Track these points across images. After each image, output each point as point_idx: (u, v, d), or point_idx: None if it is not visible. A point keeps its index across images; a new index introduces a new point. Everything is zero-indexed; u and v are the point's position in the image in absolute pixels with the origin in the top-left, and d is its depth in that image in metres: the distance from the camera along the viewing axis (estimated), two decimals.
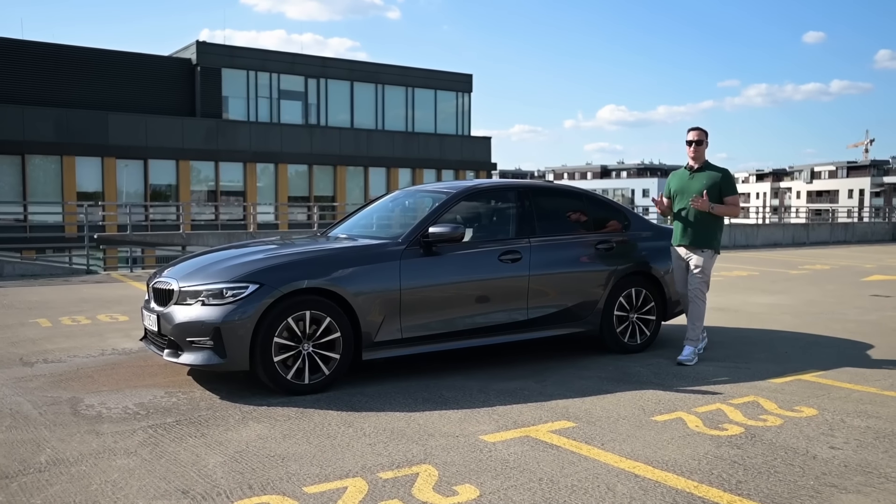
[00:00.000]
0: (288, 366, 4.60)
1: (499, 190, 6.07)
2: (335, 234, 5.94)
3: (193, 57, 29.17)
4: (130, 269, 14.92)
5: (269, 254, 4.94)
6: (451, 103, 34.83)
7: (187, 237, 14.64)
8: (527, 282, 5.50)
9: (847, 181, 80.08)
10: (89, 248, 13.66)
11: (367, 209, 6.32)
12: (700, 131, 5.79)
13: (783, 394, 4.81)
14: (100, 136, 25.91)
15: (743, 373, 5.41)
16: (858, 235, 25.86)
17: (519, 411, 4.36)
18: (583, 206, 6.19)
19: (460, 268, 5.27)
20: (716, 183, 5.67)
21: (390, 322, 4.93)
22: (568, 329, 5.79)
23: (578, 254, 5.89)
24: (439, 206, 5.41)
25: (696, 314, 5.73)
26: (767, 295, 10.15)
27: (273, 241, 5.92)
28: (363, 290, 4.83)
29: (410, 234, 5.17)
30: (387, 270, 4.97)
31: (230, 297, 4.50)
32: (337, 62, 32.65)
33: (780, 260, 16.70)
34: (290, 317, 4.57)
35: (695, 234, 5.68)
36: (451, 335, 5.23)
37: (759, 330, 7.30)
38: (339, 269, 4.81)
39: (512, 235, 5.66)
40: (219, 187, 28.79)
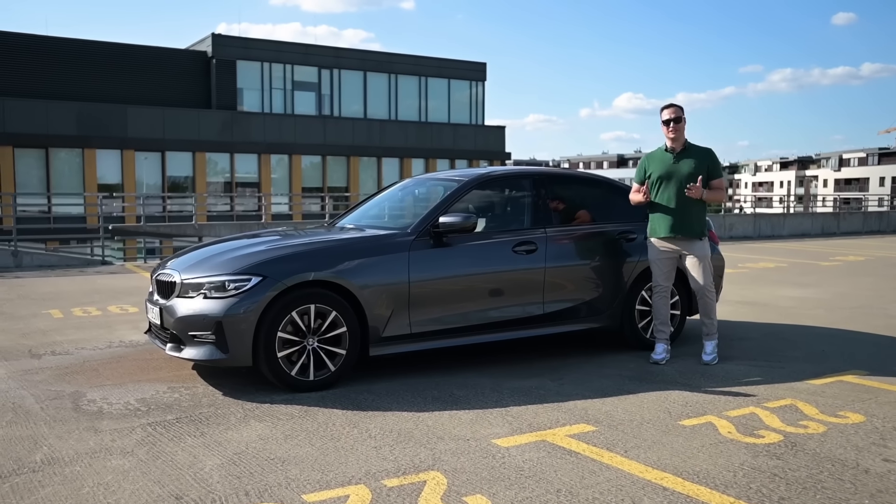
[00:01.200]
0: (292, 361, 4.37)
1: (513, 177, 5.77)
2: (343, 224, 5.69)
3: (209, 49, 29.06)
4: (144, 259, 14.84)
5: (273, 245, 4.70)
6: (464, 92, 34.44)
7: (200, 228, 14.49)
8: (543, 274, 5.22)
9: (878, 168, 77.18)
10: (104, 238, 13.60)
11: (375, 198, 6.06)
12: (676, 108, 5.29)
13: (824, 397, 4.48)
14: (119, 129, 25.93)
15: (777, 373, 5.09)
16: (894, 225, 25.04)
17: (534, 412, 4.08)
18: (602, 194, 5.88)
19: (472, 259, 5.00)
20: (704, 165, 5.26)
21: (399, 316, 4.68)
22: (586, 324, 5.49)
23: (598, 244, 5.59)
24: (450, 194, 5.13)
25: (709, 307, 5.37)
26: (798, 288, 9.73)
27: (279, 231, 5.68)
28: (370, 283, 4.58)
29: (420, 224, 4.90)
30: (395, 262, 4.71)
31: (232, 289, 4.26)
32: (350, 52, 32.39)
33: (809, 251, 16.18)
34: (294, 311, 4.34)
35: (690, 223, 5.21)
36: (463, 330, 4.96)
37: (790, 326, 6.94)
38: (345, 261, 4.56)
39: (527, 225, 5.38)
40: (234, 178, 28.71)
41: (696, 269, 5.30)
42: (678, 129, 5.29)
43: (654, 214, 5.37)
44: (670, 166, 5.30)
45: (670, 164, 5.30)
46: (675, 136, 5.29)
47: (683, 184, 5.22)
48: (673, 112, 5.31)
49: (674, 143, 5.33)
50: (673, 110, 5.31)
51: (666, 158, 5.34)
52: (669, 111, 5.32)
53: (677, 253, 5.33)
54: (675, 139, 5.31)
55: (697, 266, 5.29)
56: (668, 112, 5.32)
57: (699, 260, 5.29)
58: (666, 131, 5.33)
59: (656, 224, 5.34)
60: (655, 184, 5.35)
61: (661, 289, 5.44)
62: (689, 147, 5.34)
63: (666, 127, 5.32)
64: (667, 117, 5.31)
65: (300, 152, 29.98)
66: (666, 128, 5.32)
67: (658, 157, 5.40)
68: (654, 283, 5.46)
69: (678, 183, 5.24)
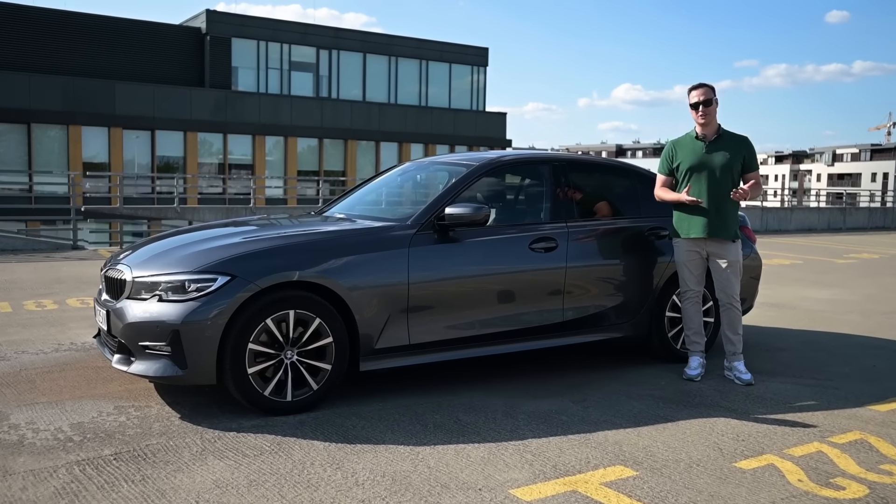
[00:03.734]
0: (266, 378, 3.64)
1: (530, 163, 5.02)
2: (332, 213, 4.94)
3: (203, 26, 28.09)
4: (121, 245, 14.02)
5: (246, 237, 3.95)
6: (465, 77, 33.55)
7: (183, 211, 13.64)
8: (563, 275, 4.49)
9: (870, 164, 77.84)
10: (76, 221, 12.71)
11: (371, 184, 5.30)
12: (706, 88, 4.56)
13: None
14: (107, 106, 24.96)
15: (831, 395, 4.39)
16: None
17: (558, 448, 3.37)
18: (630, 185, 5.14)
19: (483, 257, 4.27)
20: (740, 157, 4.52)
21: (395, 324, 3.96)
22: (611, 333, 4.78)
23: (625, 242, 4.86)
24: (458, 181, 4.39)
25: (736, 321, 4.61)
26: (821, 288, 9.10)
27: (259, 220, 4.93)
28: (362, 285, 3.85)
29: (422, 216, 4.17)
30: (392, 260, 3.98)
31: (194, 291, 3.52)
32: (349, 33, 31.44)
33: (820, 247, 15.54)
34: (269, 317, 3.61)
35: (724, 223, 4.50)
36: (471, 340, 4.24)
37: (827, 333, 6.25)
38: (332, 258, 3.83)
39: (545, 219, 4.64)
40: (227, 160, 27.84)
41: (723, 274, 4.57)
42: (709, 114, 4.54)
43: (682, 212, 4.63)
44: (702, 156, 4.55)
45: (702, 153, 4.56)
46: (707, 120, 4.55)
47: (718, 177, 4.49)
48: (703, 93, 4.56)
49: (705, 130, 4.59)
50: (702, 91, 4.56)
51: (697, 147, 4.59)
52: (698, 92, 4.57)
53: (704, 254, 4.61)
54: (707, 125, 4.57)
55: (726, 271, 4.56)
56: (696, 94, 4.57)
57: (730, 265, 4.56)
58: (695, 116, 4.59)
59: (686, 223, 4.61)
60: (684, 176, 4.61)
61: (692, 294, 4.72)
62: (724, 134, 4.60)
63: (695, 111, 4.57)
64: (695, 100, 4.56)
65: (296, 135, 29.10)
66: (695, 112, 4.57)
67: (687, 144, 4.65)
68: (682, 289, 4.74)
69: (711, 176, 4.51)
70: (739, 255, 4.64)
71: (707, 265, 4.68)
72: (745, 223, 5.47)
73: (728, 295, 4.60)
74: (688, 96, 4.64)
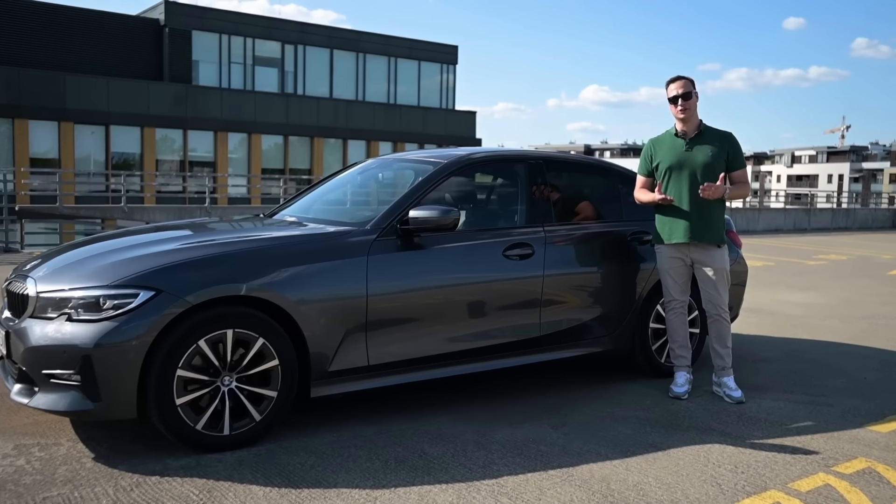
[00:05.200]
0: (199, 409, 3.14)
1: (503, 161, 4.56)
2: (283, 216, 4.44)
3: (162, 17, 27.11)
4: None
5: (177, 245, 3.43)
6: (434, 75, 33.08)
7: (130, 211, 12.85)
8: (540, 285, 4.07)
9: (827, 166, 79.88)
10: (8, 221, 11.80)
11: (327, 184, 4.79)
12: (686, 80, 4.20)
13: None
14: (56, 99, 23.83)
15: (826, 413, 4.04)
16: (860, 222, 24.86)
17: (538, 488, 2.94)
18: (611, 185, 4.73)
19: (451, 266, 3.83)
20: (724, 153, 4.16)
21: (352, 343, 3.49)
22: (591, 348, 4.37)
23: (607, 247, 4.46)
24: (423, 181, 3.93)
25: (724, 333, 4.25)
26: (796, 291, 8.88)
27: (197, 223, 4.41)
28: (313, 298, 3.37)
29: (383, 219, 3.70)
30: (348, 270, 3.51)
31: (110, 309, 3.00)
32: (316, 28, 30.74)
33: (789, 248, 15.46)
34: (203, 338, 3.11)
35: (708, 226, 4.13)
36: (438, 359, 3.79)
37: (811, 342, 5.95)
38: (278, 269, 3.34)
39: (521, 223, 4.21)
40: (187, 157, 26.93)
41: (710, 283, 4.20)
42: (689, 108, 4.16)
43: (664, 215, 4.25)
44: (682, 154, 4.18)
45: (682, 151, 4.18)
46: (686, 115, 4.17)
47: (699, 176, 4.11)
48: (681, 86, 4.18)
49: (685, 126, 4.21)
50: (681, 84, 4.19)
51: (676, 145, 4.22)
52: (677, 85, 4.19)
53: (689, 261, 4.23)
54: (686, 120, 4.19)
55: (713, 280, 4.19)
56: (675, 86, 4.19)
57: (716, 272, 4.19)
58: (674, 111, 4.21)
59: (668, 227, 4.23)
60: (664, 176, 4.23)
61: (677, 304, 4.34)
62: (706, 130, 4.22)
63: (674, 105, 4.19)
64: (674, 93, 4.18)
65: (260, 131, 28.30)
66: (674, 106, 4.19)
67: (666, 142, 4.27)
68: (666, 299, 4.35)
69: (692, 176, 4.13)
70: (726, 261, 4.28)
71: (692, 273, 4.30)
72: (730, 226, 5.12)
73: (715, 305, 4.23)
74: (666, 90, 4.26)
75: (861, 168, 78.23)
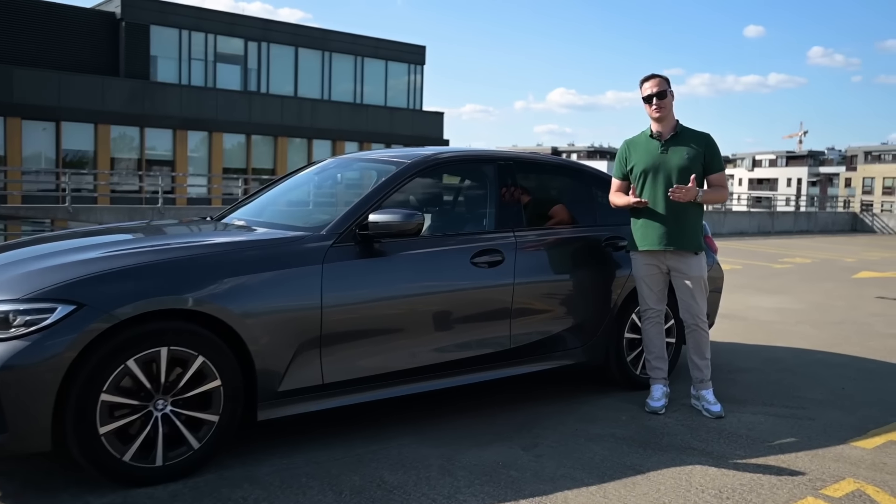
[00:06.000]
0: (127, 438, 2.79)
1: (471, 162, 4.25)
2: (232, 219, 4.09)
3: (118, 11, 26.20)
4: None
5: (105, 252, 3.06)
6: (402, 76, 32.70)
7: (75, 212, 12.21)
8: (511, 294, 3.79)
9: (786, 170, 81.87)
10: None
11: (281, 185, 4.44)
12: (660, 79, 3.98)
13: (891, 474, 3.24)
14: (3, 94, 22.80)
15: (808, 428, 3.84)
16: (821, 225, 25.26)
17: None
18: (585, 188, 4.48)
19: (415, 274, 3.53)
20: (700, 156, 3.95)
21: (305, 359, 3.17)
22: (563, 360, 4.10)
23: (581, 254, 4.21)
24: (385, 182, 3.62)
25: (703, 344, 4.02)
26: (766, 295, 8.80)
27: (134, 227, 4.03)
28: (260, 311, 3.04)
29: (341, 224, 3.39)
30: (301, 279, 3.18)
31: (21, 325, 2.63)
32: (280, 25, 30.09)
33: (756, 251, 15.53)
34: (132, 357, 2.76)
35: (684, 233, 3.92)
36: (400, 376, 3.48)
37: (786, 349, 5.79)
38: (221, 278, 3.00)
39: (490, 228, 3.93)
40: (144, 156, 26.09)
41: (687, 292, 3.98)
42: (664, 107, 3.94)
43: (638, 220, 4.02)
44: (657, 157, 3.95)
45: (657, 153, 3.96)
46: (661, 115, 3.95)
47: (675, 180, 3.89)
48: (655, 84, 3.95)
49: (660, 126, 3.99)
50: (656, 82, 3.97)
51: (652, 147, 3.99)
52: (651, 84, 3.97)
53: (665, 269, 4.00)
54: (661, 120, 3.97)
55: (690, 289, 3.96)
56: (649, 85, 3.97)
57: (694, 281, 3.96)
58: (649, 111, 3.98)
59: (642, 233, 3.99)
60: (639, 179, 4.00)
61: (653, 313, 4.10)
62: (682, 131, 4.00)
63: (648, 105, 3.97)
64: (648, 92, 3.96)
65: (222, 130, 27.56)
66: (648, 106, 3.97)
67: (642, 144, 4.04)
68: (642, 308, 4.12)
69: (668, 179, 3.91)
70: (704, 269, 4.06)
71: (668, 281, 4.07)
72: (705, 231, 4.92)
73: (693, 315, 4.01)
74: (640, 89, 4.03)
75: (818, 172, 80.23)
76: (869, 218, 26.55)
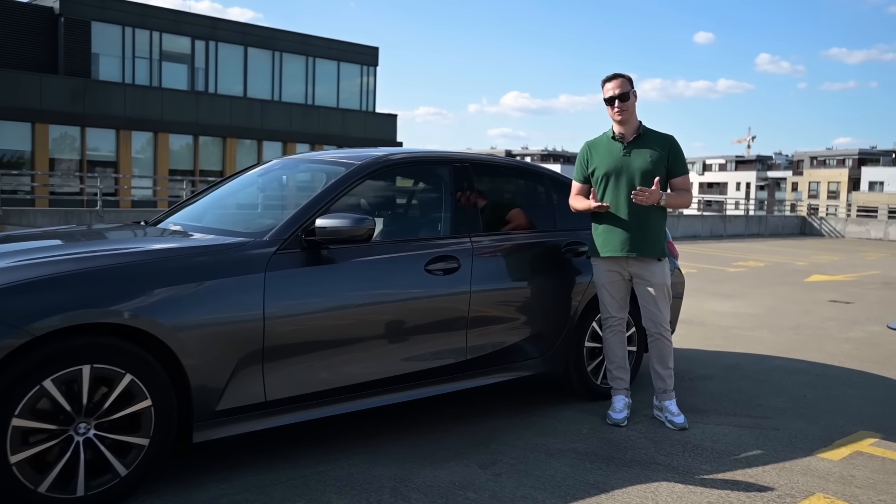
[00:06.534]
0: (45, 465, 2.49)
1: (425, 163, 4.04)
2: (168, 224, 3.79)
3: (57, 6, 25.17)
4: None
5: (21, 260, 2.75)
6: (355, 77, 32.32)
7: (5, 215, 11.53)
8: (467, 303, 3.60)
9: (735, 174, 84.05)
10: None
11: (223, 188, 4.15)
12: (623, 79, 3.81)
13: (860, 487, 3.16)
14: None
15: (774, 439, 3.75)
16: (771, 229, 25.85)
17: None
18: (545, 192, 4.33)
19: (365, 283, 3.31)
20: (663, 158, 3.83)
21: (246, 375, 2.92)
22: (522, 371, 3.93)
23: (540, 259, 4.05)
24: (333, 184, 3.40)
25: (666, 353, 3.90)
26: (721, 300, 8.84)
27: (58, 232, 3.69)
28: (195, 323, 2.78)
29: (285, 229, 3.15)
30: (241, 288, 2.93)
31: None
32: (229, 24, 29.39)
33: (709, 255, 15.74)
34: (50, 377, 2.48)
35: (648, 238, 3.80)
36: (349, 391, 3.26)
37: (744, 355, 5.75)
38: (151, 289, 2.73)
39: (445, 233, 3.74)
40: (85, 156, 25.10)
41: (650, 300, 3.85)
42: (626, 109, 3.81)
43: (599, 225, 3.88)
44: (619, 159, 3.81)
45: (619, 156, 3.82)
46: (624, 117, 3.82)
47: (637, 183, 3.77)
48: (618, 86, 3.81)
49: (622, 128, 3.85)
50: (618, 83, 3.82)
51: (614, 149, 3.85)
52: (613, 84, 3.82)
53: (627, 276, 3.88)
54: (624, 122, 3.84)
55: (653, 296, 3.84)
56: (611, 86, 3.82)
57: (656, 288, 3.84)
58: (611, 112, 3.84)
59: (603, 239, 3.85)
60: (600, 182, 3.86)
61: (615, 321, 3.97)
62: (645, 133, 3.87)
63: (610, 107, 3.83)
64: (610, 93, 3.82)
65: (168, 130, 26.73)
66: (610, 108, 3.83)
67: (603, 146, 3.90)
68: (604, 316, 3.98)
69: (630, 182, 3.78)
70: (667, 275, 3.94)
71: (631, 288, 3.95)
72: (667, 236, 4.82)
73: (656, 323, 3.88)
74: (602, 89, 3.89)
75: (766, 176, 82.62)
76: (817, 221, 27.33)
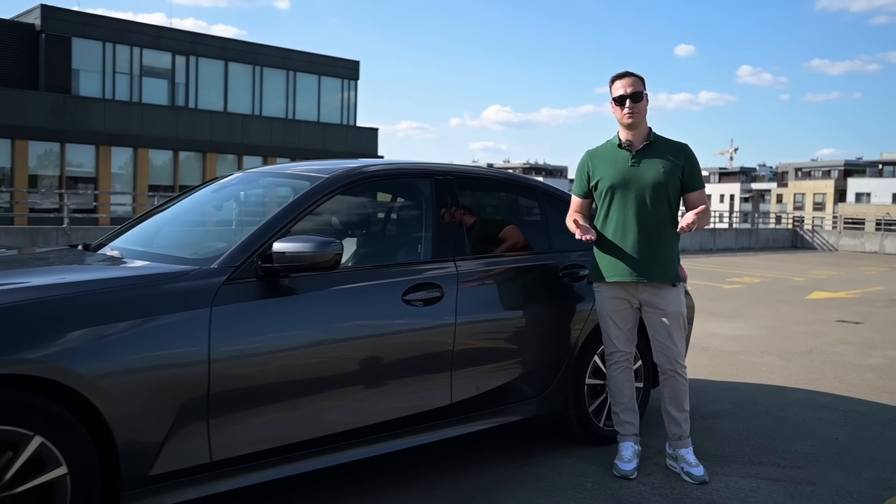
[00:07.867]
0: None
1: (404, 177, 3.54)
2: (110, 249, 3.28)
3: (38, 22, 24.71)
4: None
5: None
6: (335, 91, 31.93)
7: None
8: (452, 337, 3.12)
9: (719, 186, 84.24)
10: None
11: (174, 206, 3.65)
12: (635, 78, 3.36)
13: None
14: None
15: (810, 496, 3.22)
16: (762, 242, 25.56)
17: None
18: (539, 208, 3.86)
19: (332, 316, 2.82)
20: (677, 170, 3.34)
21: (188, 431, 2.42)
22: (517, 415, 3.44)
23: (535, 286, 3.57)
24: (296, 202, 2.91)
25: (682, 393, 3.39)
26: (721, 321, 8.40)
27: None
28: (122, 370, 2.29)
29: (237, 255, 2.66)
30: (181, 326, 2.44)
31: None
32: (209, 39, 29.00)
33: (701, 270, 15.33)
34: None
35: (660, 261, 3.31)
36: (313, 445, 2.75)
37: (757, 387, 5.26)
38: (66, 330, 2.23)
39: (426, 256, 3.25)
40: (64, 172, 24.48)
41: (664, 331, 3.35)
42: (639, 112, 3.32)
43: (603, 247, 3.39)
44: (627, 170, 3.32)
45: (627, 167, 3.33)
46: (635, 121, 3.32)
47: (648, 198, 3.28)
48: (630, 84, 3.33)
49: (631, 135, 3.36)
50: (630, 81, 3.34)
51: (620, 159, 3.36)
52: (625, 82, 3.34)
53: (636, 303, 3.40)
54: (634, 127, 3.34)
55: (668, 326, 3.34)
56: (622, 84, 3.34)
57: (670, 318, 3.34)
58: (620, 115, 3.34)
59: (609, 262, 3.36)
60: (604, 196, 3.37)
61: (621, 356, 3.48)
62: (657, 141, 3.38)
63: (620, 107, 3.33)
64: (620, 91, 3.33)
65: (148, 146, 26.21)
66: (619, 108, 3.33)
67: (608, 155, 3.41)
68: (608, 350, 3.49)
69: (640, 197, 3.29)
70: (683, 303, 3.44)
71: (639, 317, 3.47)
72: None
73: (670, 359, 3.38)
74: (610, 89, 3.41)
75: (751, 189, 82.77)
76: (809, 234, 27.06)
